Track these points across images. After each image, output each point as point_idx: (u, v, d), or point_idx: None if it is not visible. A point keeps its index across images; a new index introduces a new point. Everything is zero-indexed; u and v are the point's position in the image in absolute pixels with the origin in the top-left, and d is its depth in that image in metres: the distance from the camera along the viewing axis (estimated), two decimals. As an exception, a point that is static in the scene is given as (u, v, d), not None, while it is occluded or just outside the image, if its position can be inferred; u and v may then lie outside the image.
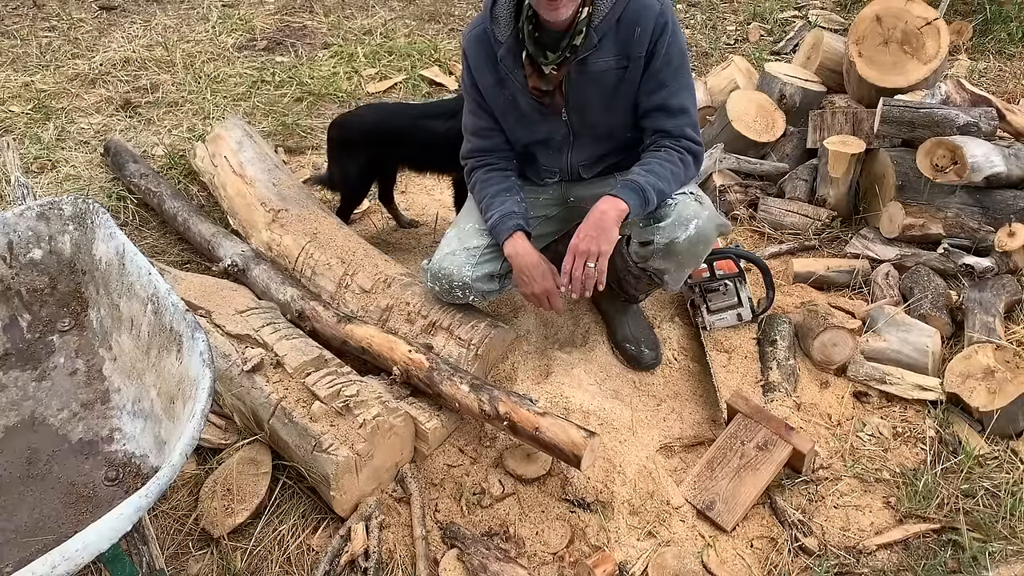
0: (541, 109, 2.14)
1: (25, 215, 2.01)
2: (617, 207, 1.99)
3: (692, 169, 2.13)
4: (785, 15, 5.31)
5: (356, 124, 2.85)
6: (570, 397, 2.27)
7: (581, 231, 2.01)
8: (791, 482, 2.17)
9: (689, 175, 2.13)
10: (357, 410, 2.03)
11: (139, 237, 3.17)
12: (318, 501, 2.07)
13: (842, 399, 2.41)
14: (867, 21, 3.50)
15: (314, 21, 5.39)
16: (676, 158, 2.08)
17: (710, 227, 2.10)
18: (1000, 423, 2.23)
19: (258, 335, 2.26)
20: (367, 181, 2.98)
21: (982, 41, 4.62)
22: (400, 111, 2.98)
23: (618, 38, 2.00)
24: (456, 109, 2.44)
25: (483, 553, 1.93)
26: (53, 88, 4.35)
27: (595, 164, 2.26)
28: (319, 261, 2.63)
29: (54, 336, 2.01)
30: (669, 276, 2.18)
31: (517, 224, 2.17)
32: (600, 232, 1.99)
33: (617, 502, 2.08)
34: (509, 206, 2.20)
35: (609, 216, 1.99)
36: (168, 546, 1.96)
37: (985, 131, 2.94)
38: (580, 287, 2.03)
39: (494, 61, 2.11)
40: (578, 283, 2.03)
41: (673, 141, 2.09)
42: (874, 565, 1.96)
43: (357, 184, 2.96)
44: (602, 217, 1.99)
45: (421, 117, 2.75)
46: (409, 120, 2.76)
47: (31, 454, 1.81)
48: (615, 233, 2.01)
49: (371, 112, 2.94)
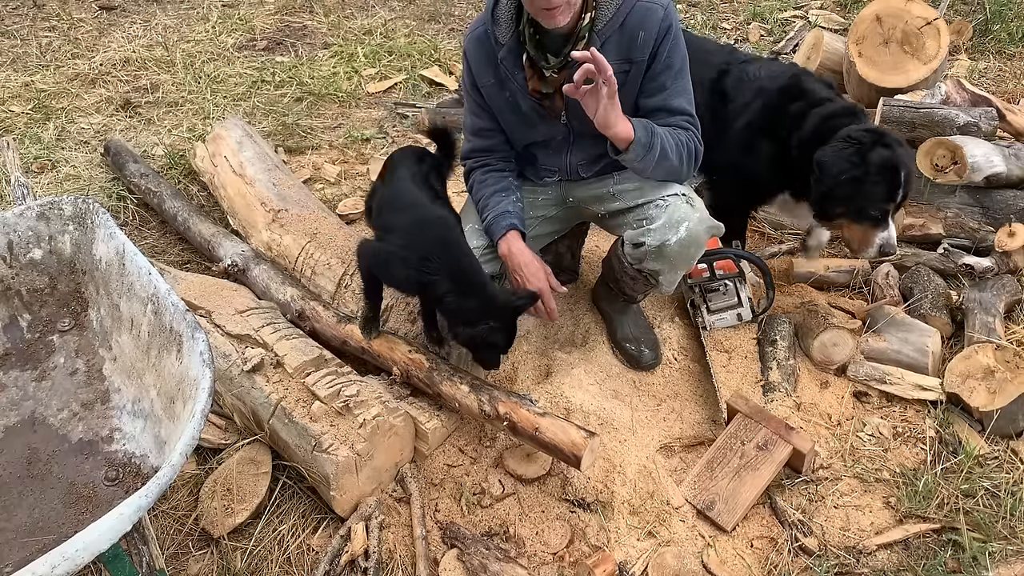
0: (541, 111, 2.14)
1: (25, 215, 2.00)
2: (626, 127, 1.96)
3: (692, 161, 2.12)
4: (785, 15, 5.30)
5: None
6: (570, 397, 2.27)
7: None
8: (791, 482, 2.17)
9: (688, 158, 2.10)
10: (357, 410, 2.03)
11: (139, 237, 3.17)
12: (318, 501, 2.07)
13: (842, 399, 2.41)
14: (867, 21, 3.50)
15: (314, 21, 5.39)
16: (681, 134, 2.08)
17: (701, 229, 2.10)
18: (1000, 423, 2.23)
19: (258, 335, 2.26)
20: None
21: (982, 41, 4.61)
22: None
23: (621, 42, 2.00)
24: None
25: (483, 553, 1.93)
26: (53, 88, 4.35)
27: (594, 163, 2.26)
28: (319, 261, 2.63)
29: (54, 336, 2.01)
30: (663, 277, 2.19)
31: (511, 224, 2.17)
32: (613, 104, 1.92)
33: (617, 502, 2.08)
34: (504, 206, 2.20)
35: (621, 117, 1.95)
36: (168, 546, 1.96)
37: (985, 131, 2.94)
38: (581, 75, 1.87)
39: (495, 62, 2.11)
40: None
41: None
42: (874, 565, 1.96)
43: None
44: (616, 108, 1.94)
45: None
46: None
47: (31, 454, 1.81)
48: (616, 113, 1.93)
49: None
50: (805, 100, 2.41)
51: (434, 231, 2.07)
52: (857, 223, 2.34)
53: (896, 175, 2.25)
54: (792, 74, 2.52)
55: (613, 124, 1.94)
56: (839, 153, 2.26)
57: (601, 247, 2.79)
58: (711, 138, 2.46)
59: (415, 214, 2.11)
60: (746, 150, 2.49)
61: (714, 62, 2.58)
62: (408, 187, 2.19)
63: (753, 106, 2.47)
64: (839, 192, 2.28)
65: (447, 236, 2.08)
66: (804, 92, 2.43)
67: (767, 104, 2.45)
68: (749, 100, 2.48)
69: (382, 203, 2.25)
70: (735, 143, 2.50)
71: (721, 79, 2.55)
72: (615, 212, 2.25)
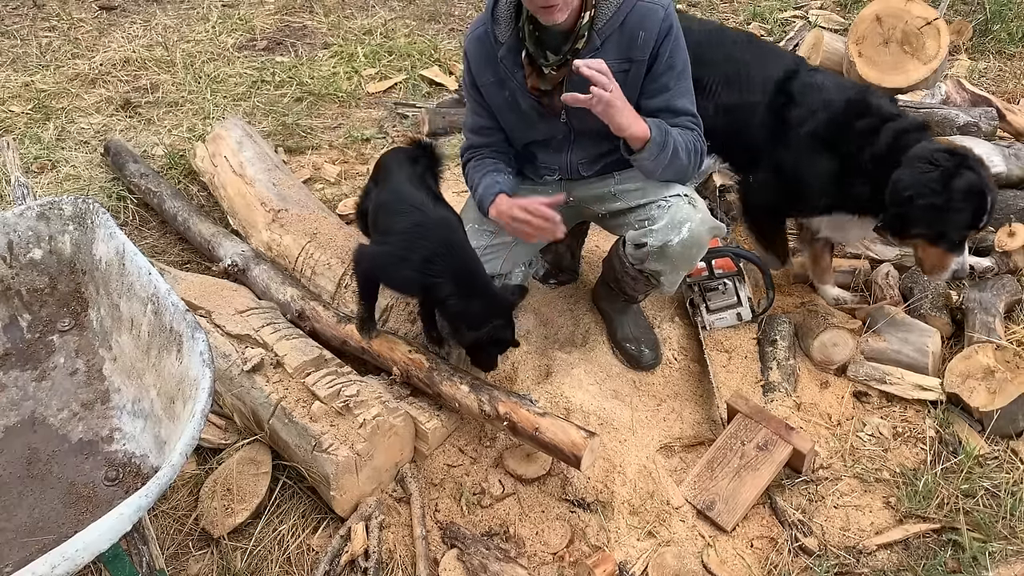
0: (540, 109, 2.14)
1: (25, 215, 2.00)
2: (642, 127, 1.97)
3: (698, 155, 2.12)
4: (785, 15, 5.30)
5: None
6: (570, 397, 2.27)
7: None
8: (791, 482, 2.17)
9: (695, 157, 2.11)
10: (357, 410, 2.03)
11: (139, 237, 3.17)
12: (318, 501, 2.07)
13: (842, 399, 2.41)
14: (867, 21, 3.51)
15: (314, 21, 5.39)
16: (688, 133, 2.09)
17: (703, 230, 2.10)
18: (1000, 423, 2.23)
19: (258, 335, 2.26)
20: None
21: (982, 41, 4.61)
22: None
23: (621, 41, 2.00)
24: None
25: (483, 553, 1.93)
26: (53, 88, 4.35)
27: (595, 162, 2.26)
28: (319, 261, 2.63)
29: (54, 336, 2.01)
30: (664, 278, 2.19)
31: (499, 190, 2.15)
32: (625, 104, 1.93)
33: (617, 502, 2.08)
34: (493, 178, 2.18)
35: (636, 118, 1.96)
36: (168, 546, 1.96)
37: (985, 131, 2.94)
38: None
39: (495, 61, 2.11)
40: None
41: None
42: (874, 565, 1.96)
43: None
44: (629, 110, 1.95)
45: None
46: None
47: (31, 454, 1.81)
48: (628, 116, 1.94)
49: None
50: (874, 115, 2.33)
51: (437, 233, 2.06)
52: (934, 246, 2.26)
53: (982, 201, 2.16)
54: (859, 88, 2.46)
55: (628, 126, 1.95)
56: (921, 176, 2.16)
57: (601, 247, 2.79)
58: (766, 138, 2.47)
59: (416, 216, 2.10)
60: (806, 159, 2.41)
61: (783, 62, 2.53)
62: (407, 189, 2.18)
63: (819, 116, 2.38)
64: (919, 215, 2.19)
65: (450, 238, 2.07)
66: (872, 107, 2.35)
67: (834, 116, 2.36)
68: (815, 108, 2.39)
69: (379, 206, 2.23)
70: (795, 149, 2.42)
71: (789, 80, 2.47)
72: (616, 212, 2.25)
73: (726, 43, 2.61)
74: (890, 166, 2.22)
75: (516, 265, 2.37)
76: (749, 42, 2.66)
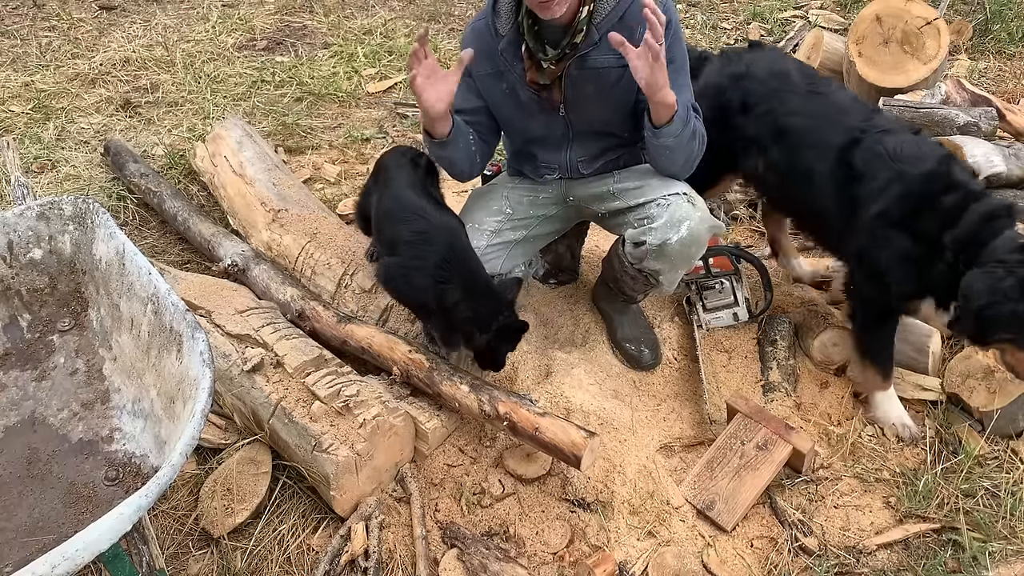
0: (539, 102, 2.14)
1: (25, 215, 2.00)
2: (672, 95, 1.94)
3: (704, 141, 2.12)
4: (785, 15, 5.31)
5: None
6: (570, 397, 2.27)
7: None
8: (791, 482, 2.17)
9: (702, 145, 2.12)
10: (357, 410, 2.03)
11: (139, 237, 3.17)
12: (318, 501, 2.07)
13: (842, 399, 2.41)
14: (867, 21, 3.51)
15: (314, 21, 5.39)
16: (696, 120, 2.08)
17: (702, 229, 2.10)
18: (1000, 423, 2.23)
19: (258, 335, 2.26)
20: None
21: (982, 41, 4.61)
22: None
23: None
24: None
25: (483, 553, 1.93)
26: (53, 88, 4.35)
27: (594, 161, 2.26)
28: (319, 261, 2.63)
29: (54, 336, 2.01)
30: (663, 276, 2.19)
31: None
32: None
33: (617, 502, 2.08)
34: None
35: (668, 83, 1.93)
36: (168, 546, 1.96)
37: (985, 131, 2.94)
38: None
39: (494, 53, 2.11)
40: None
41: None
42: (874, 565, 1.96)
43: None
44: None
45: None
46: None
47: (31, 454, 1.81)
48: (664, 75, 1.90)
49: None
50: (957, 191, 2.03)
51: (443, 239, 2.09)
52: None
53: None
54: (939, 157, 2.11)
55: (662, 87, 1.90)
56: (997, 284, 1.92)
57: (601, 247, 2.79)
58: (837, 221, 2.20)
59: (420, 224, 2.12)
60: (879, 244, 2.11)
61: (846, 125, 2.20)
62: (408, 195, 2.20)
63: (890, 192, 2.07)
64: (1002, 322, 1.94)
65: (457, 244, 2.10)
66: (955, 182, 2.05)
67: (909, 192, 2.06)
68: (885, 184, 2.09)
69: (383, 214, 2.24)
70: (866, 233, 2.13)
71: (851, 148, 2.16)
72: (616, 211, 2.25)
73: (784, 93, 2.32)
74: (971, 256, 1.98)
75: (515, 265, 2.37)
76: (812, 93, 2.32)
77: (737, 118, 2.37)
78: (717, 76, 2.45)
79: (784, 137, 2.28)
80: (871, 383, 2.30)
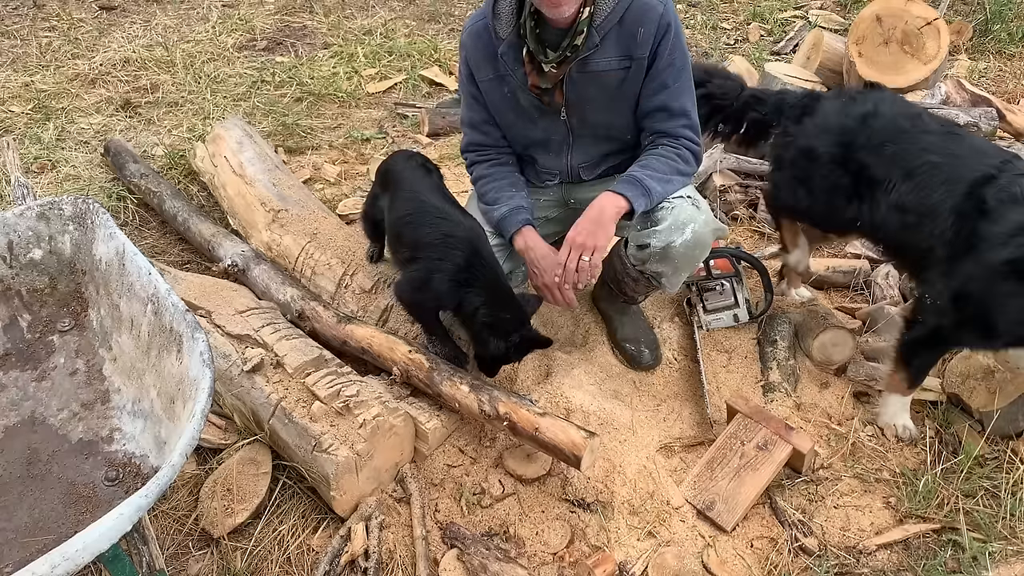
0: (541, 106, 2.14)
1: (25, 215, 2.00)
2: (616, 203, 2.01)
3: (692, 166, 2.14)
4: (785, 15, 5.31)
5: None
6: (570, 397, 2.27)
7: (579, 224, 2.04)
8: (791, 482, 2.17)
9: (689, 172, 2.14)
10: (357, 410, 2.03)
11: (139, 237, 3.17)
12: (318, 501, 2.07)
13: (842, 399, 2.41)
14: (867, 21, 3.51)
15: (314, 21, 5.39)
16: (674, 154, 2.10)
17: (706, 231, 2.10)
18: (1000, 423, 2.23)
19: (258, 335, 2.26)
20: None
21: (982, 41, 4.62)
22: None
23: (620, 38, 2.00)
24: None
25: (483, 553, 1.93)
26: (53, 88, 4.35)
27: (596, 166, 2.26)
28: (319, 261, 2.63)
29: (54, 336, 2.01)
30: (666, 279, 2.19)
31: (525, 219, 2.18)
32: (597, 227, 2.01)
33: (617, 502, 2.08)
34: (517, 201, 2.21)
35: (607, 212, 2.00)
36: (168, 546, 1.96)
37: (985, 131, 2.94)
38: (572, 278, 2.05)
39: (494, 57, 2.11)
40: (571, 275, 2.05)
41: (671, 140, 2.11)
42: (874, 565, 1.96)
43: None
44: (600, 213, 2.01)
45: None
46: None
47: (31, 454, 1.81)
48: (612, 229, 2.02)
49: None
50: None
51: (468, 244, 2.10)
52: None
53: None
54: None
55: (607, 224, 2.02)
56: None
57: (601, 247, 2.79)
58: (945, 249, 2.05)
59: (445, 227, 2.13)
60: (1000, 291, 1.96)
61: (982, 163, 2.07)
62: (432, 200, 2.21)
63: (1021, 240, 1.92)
64: None
65: (481, 249, 2.11)
66: None
67: None
68: (1016, 229, 1.92)
69: (402, 220, 2.23)
70: (984, 278, 1.98)
71: (985, 183, 2.01)
72: (617, 214, 2.25)
73: (916, 133, 2.20)
74: None
75: (518, 265, 2.37)
76: (948, 133, 2.20)
77: (865, 157, 2.23)
78: (842, 117, 2.32)
79: (915, 175, 2.14)
80: (896, 386, 2.26)
